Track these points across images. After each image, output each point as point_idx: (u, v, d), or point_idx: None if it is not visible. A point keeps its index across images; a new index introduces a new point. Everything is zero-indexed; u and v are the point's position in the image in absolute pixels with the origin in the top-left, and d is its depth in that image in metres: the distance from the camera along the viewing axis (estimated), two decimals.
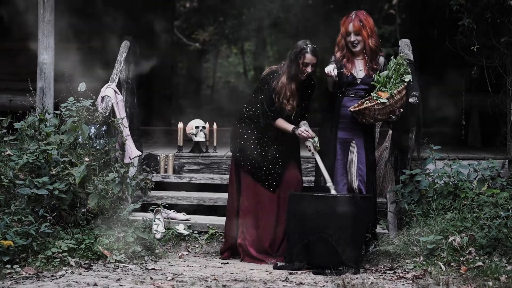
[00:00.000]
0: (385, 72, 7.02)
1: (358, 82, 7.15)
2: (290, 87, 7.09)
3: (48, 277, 6.33)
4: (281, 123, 7.19)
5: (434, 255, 6.76)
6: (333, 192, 6.95)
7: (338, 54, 7.22)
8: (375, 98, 6.92)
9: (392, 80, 6.95)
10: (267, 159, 7.23)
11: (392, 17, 17.01)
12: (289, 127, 7.17)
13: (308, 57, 7.05)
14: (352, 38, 7.15)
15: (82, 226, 7.08)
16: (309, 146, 7.13)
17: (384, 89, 6.94)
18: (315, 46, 7.08)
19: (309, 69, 7.08)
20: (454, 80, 10.75)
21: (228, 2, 18.36)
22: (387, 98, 6.88)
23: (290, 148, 7.28)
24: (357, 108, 6.95)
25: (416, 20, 13.27)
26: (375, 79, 7.01)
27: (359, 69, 7.17)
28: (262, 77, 7.33)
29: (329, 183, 6.99)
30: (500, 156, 8.67)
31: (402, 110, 7.00)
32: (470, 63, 9.18)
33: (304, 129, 7.12)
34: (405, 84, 6.95)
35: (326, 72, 7.03)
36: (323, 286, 6.22)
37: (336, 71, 7.03)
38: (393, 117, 7.01)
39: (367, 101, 6.97)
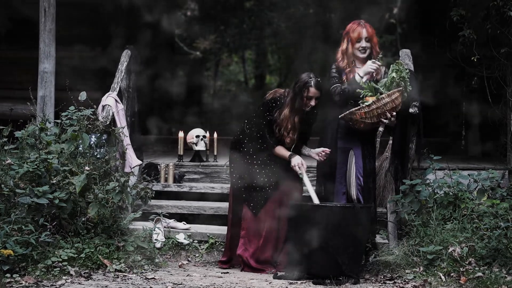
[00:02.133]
0: (384, 80, 7.02)
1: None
2: (293, 120, 7.11)
3: (48, 286, 6.33)
4: (279, 150, 7.19)
5: (434, 265, 6.76)
6: None
7: (343, 63, 7.19)
8: (360, 104, 6.93)
9: (387, 85, 6.94)
10: (256, 181, 7.22)
11: (392, 26, 17.02)
12: (286, 154, 7.17)
13: (312, 90, 7.05)
14: (363, 44, 7.15)
15: (82, 235, 7.08)
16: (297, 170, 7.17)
17: (371, 94, 6.94)
18: (319, 79, 7.07)
19: (312, 103, 7.08)
20: (454, 90, 10.77)
21: (229, 11, 18.39)
22: (373, 101, 6.87)
23: (287, 165, 7.24)
24: (343, 114, 6.95)
25: (417, 30, 13.29)
26: (365, 85, 7.00)
27: None
28: (265, 101, 7.30)
29: (316, 202, 6.98)
30: (500, 166, 8.67)
31: (394, 113, 6.97)
32: (471, 74, 9.19)
33: (298, 163, 7.11)
34: (399, 89, 6.92)
35: (374, 69, 7.01)
36: None
37: (377, 62, 7.02)
38: (384, 120, 6.98)
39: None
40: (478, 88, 9.29)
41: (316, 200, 6.98)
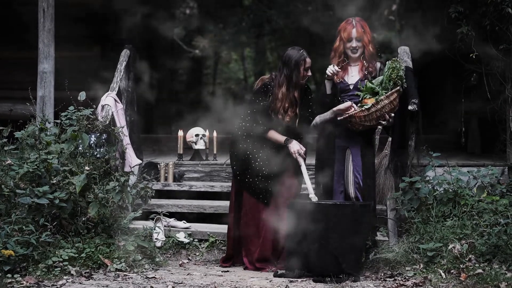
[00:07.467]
0: (380, 78, 7.02)
1: (351, 87, 7.14)
2: (292, 95, 7.17)
3: (49, 286, 6.34)
4: (273, 134, 7.23)
5: (434, 262, 6.77)
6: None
7: (334, 61, 7.21)
8: (359, 107, 6.93)
9: (383, 84, 6.93)
10: (261, 173, 7.23)
11: (391, 23, 17.01)
12: (281, 138, 7.21)
13: (308, 61, 7.20)
14: (354, 44, 7.14)
15: (82, 235, 7.09)
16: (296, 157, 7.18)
17: (370, 96, 6.95)
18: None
19: (309, 73, 7.23)
20: (453, 87, 10.77)
21: (228, 9, 18.40)
22: (372, 104, 6.86)
23: (286, 156, 7.27)
24: (342, 117, 6.96)
25: (415, 27, 13.28)
26: (362, 87, 7.01)
27: (351, 75, 7.17)
28: (254, 90, 7.38)
29: (311, 195, 7.00)
30: (499, 162, 8.68)
31: (393, 115, 6.97)
32: (469, 70, 9.19)
33: (297, 150, 7.14)
34: (397, 89, 6.90)
35: (330, 73, 7.04)
36: None
37: (336, 67, 7.05)
38: (383, 122, 6.98)
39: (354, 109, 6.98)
40: (477, 84, 9.29)
41: (312, 193, 7.00)
